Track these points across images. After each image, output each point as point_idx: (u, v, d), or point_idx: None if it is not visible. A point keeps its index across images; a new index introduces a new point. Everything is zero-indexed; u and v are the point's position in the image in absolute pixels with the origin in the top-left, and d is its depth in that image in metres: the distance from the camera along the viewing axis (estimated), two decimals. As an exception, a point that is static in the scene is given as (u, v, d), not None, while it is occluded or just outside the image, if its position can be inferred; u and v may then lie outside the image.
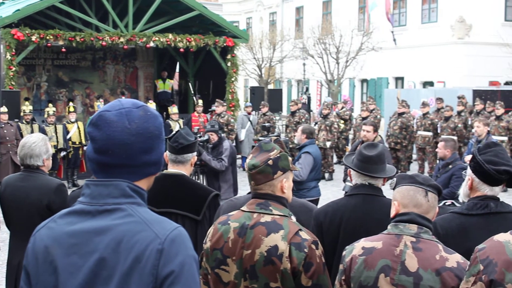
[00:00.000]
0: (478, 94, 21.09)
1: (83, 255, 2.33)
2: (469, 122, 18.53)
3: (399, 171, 17.63)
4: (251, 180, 3.72)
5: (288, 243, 3.54)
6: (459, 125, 18.39)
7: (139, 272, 2.28)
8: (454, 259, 3.36)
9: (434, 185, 3.58)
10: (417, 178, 3.58)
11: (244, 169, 13.56)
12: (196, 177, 10.14)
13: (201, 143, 9.84)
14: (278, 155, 3.71)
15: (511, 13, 33.52)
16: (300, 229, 3.62)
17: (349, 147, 20.38)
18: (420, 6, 35.36)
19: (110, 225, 2.34)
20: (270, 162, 3.67)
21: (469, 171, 4.10)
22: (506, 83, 29.32)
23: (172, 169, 5.36)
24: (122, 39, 20.15)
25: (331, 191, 15.49)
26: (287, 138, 14.56)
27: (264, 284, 3.57)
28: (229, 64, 21.91)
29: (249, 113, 21.33)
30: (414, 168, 19.19)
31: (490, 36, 31.26)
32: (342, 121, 20.55)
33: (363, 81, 39.07)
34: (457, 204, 6.15)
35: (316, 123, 19.94)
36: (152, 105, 19.33)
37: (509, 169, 3.98)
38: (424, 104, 19.32)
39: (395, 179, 3.67)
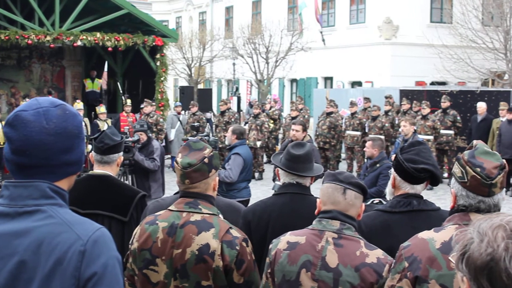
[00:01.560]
0: (405, 94, 21.46)
1: (2, 258, 2.27)
2: (396, 122, 18.82)
3: (328, 170, 17.77)
4: (186, 179, 3.71)
5: (220, 241, 3.57)
6: (386, 125, 18.69)
7: (60, 274, 2.23)
8: (375, 255, 3.41)
9: (355, 183, 3.60)
10: (338, 176, 3.61)
11: (173, 169, 13.45)
12: (125, 177, 10.02)
13: (129, 143, 9.72)
14: (211, 153, 3.75)
15: (436, 14, 34.21)
16: (231, 227, 3.67)
17: (278, 147, 20.49)
18: (348, 7, 35.77)
19: (30, 227, 2.28)
20: (206, 160, 3.70)
21: (392, 169, 4.16)
22: (432, 83, 29.89)
23: (98, 169, 5.28)
24: (48, 38, 19.81)
25: (261, 191, 15.53)
26: (216, 138, 14.52)
27: (196, 283, 3.58)
28: (158, 63, 21.75)
29: (179, 113, 21.21)
30: (343, 167, 19.41)
31: (417, 37, 31.83)
32: (272, 121, 20.62)
33: (293, 81, 39.31)
34: (384, 202, 6.24)
35: (246, 123, 19.97)
36: (79, 104, 19.04)
37: (428, 168, 4.05)
38: (352, 104, 19.56)
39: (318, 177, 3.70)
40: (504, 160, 3.13)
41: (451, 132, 17.99)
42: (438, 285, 3.00)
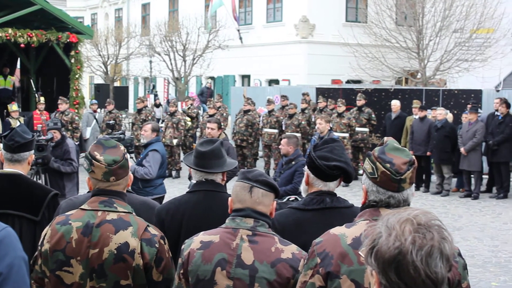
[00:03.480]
0: (321, 92, 21.69)
1: None
2: (313, 119, 19.02)
3: (246, 168, 17.85)
4: (111, 176, 3.67)
5: (139, 239, 3.55)
6: (303, 122, 18.87)
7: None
8: (290, 250, 3.43)
9: (263, 180, 3.59)
10: (247, 174, 3.61)
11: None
12: (38, 176, 9.78)
13: (43, 142, 9.49)
14: (125, 150, 3.73)
15: (352, 14, 34.75)
16: (148, 225, 3.66)
17: (196, 145, 20.40)
18: (265, 5, 35.95)
19: None
20: (126, 156, 3.72)
21: (306, 167, 4.19)
22: (348, 82, 30.35)
23: (8, 168, 5.13)
24: (-43, 33, 19.18)
25: (178, 189, 15.44)
26: (133, 136, 14.36)
27: (114, 283, 3.54)
28: (73, 60, 21.32)
29: (95, 111, 20.89)
30: (260, 165, 19.50)
31: (332, 36, 32.30)
32: (189, 119, 20.53)
33: (210, 78, 39.29)
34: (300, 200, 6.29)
35: (163, 121, 19.83)
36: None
37: (340, 165, 4.08)
38: (270, 102, 19.67)
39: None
40: (413, 156, 3.18)
41: (366, 129, 18.32)
42: (349, 280, 3.03)
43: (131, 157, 9.79)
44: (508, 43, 27.05)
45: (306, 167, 4.18)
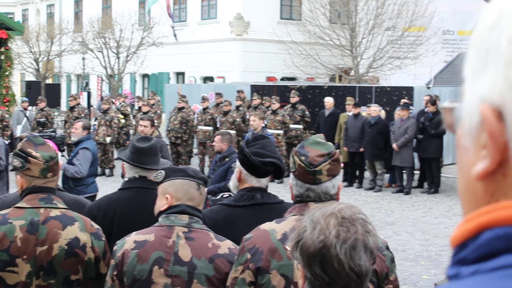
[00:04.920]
0: (256, 89, 21.75)
1: None
2: (247, 116, 19.05)
3: (170, 166, 17.75)
4: (49, 172, 3.66)
5: (89, 233, 3.60)
6: (238, 119, 18.89)
7: None
8: (226, 245, 3.45)
9: (203, 177, 3.66)
10: (188, 171, 3.61)
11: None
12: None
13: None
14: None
15: (286, 11, 34.97)
16: (90, 220, 3.74)
17: (132, 141, 20.21)
18: (200, 2, 35.89)
19: None
20: (58, 153, 3.71)
21: (237, 163, 4.18)
22: (282, 79, 30.53)
23: None
24: None
25: (111, 187, 15.25)
26: (64, 134, 14.13)
27: (64, 278, 3.54)
28: (3, 57, 20.89)
29: (26, 109, 20.51)
30: (194, 162, 19.45)
31: (267, 34, 32.43)
32: (122, 116, 20.32)
33: (145, 76, 38.99)
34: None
35: (96, 118, 19.59)
36: None
37: (275, 161, 4.10)
38: (204, 99, 19.63)
39: (162, 172, 3.66)
40: (335, 150, 3.21)
41: (300, 126, 18.42)
42: (279, 275, 3.05)
43: (62, 155, 9.63)
44: (439, 41, 27.63)
45: (238, 163, 4.18)
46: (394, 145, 15.94)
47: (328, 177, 3.13)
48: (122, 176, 10.02)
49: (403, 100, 17.61)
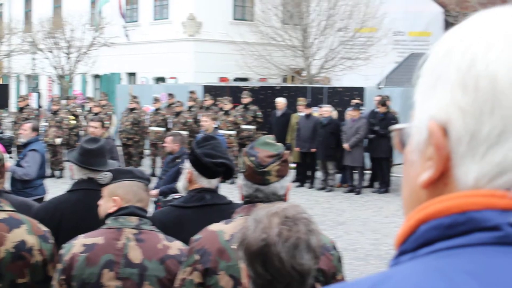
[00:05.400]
0: (208, 89, 21.72)
1: None
2: (200, 117, 19.00)
3: (132, 167, 17.63)
4: None
5: (36, 235, 3.53)
6: (190, 120, 18.84)
7: None
8: (176, 246, 3.45)
9: (148, 178, 3.68)
10: (135, 172, 3.60)
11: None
12: None
13: None
14: None
15: (239, 12, 34.97)
16: (38, 222, 3.66)
17: (80, 142, 19.99)
18: (152, 2, 35.67)
19: None
20: (5, 154, 3.67)
21: (188, 164, 4.17)
22: (235, 80, 30.54)
23: None
24: None
25: (61, 189, 14.99)
26: (13, 135, 13.93)
27: (10, 282, 3.47)
28: (-51, 57, 20.48)
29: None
30: (146, 164, 19.33)
31: (220, 34, 32.39)
32: (73, 117, 20.10)
33: (96, 76, 38.61)
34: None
35: (46, 120, 19.35)
36: None
37: (225, 162, 4.11)
38: (156, 100, 19.54)
39: (108, 173, 3.63)
40: (284, 151, 3.23)
41: (252, 127, 18.43)
42: (227, 276, 3.06)
43: (10, 157, 9.49)
44: (390, 42, 27.94)
45: (188, 164, 4.17)
46: (346, 145, 16.06)
47: (277, 178, 3.15)
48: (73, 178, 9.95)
49: (354, 101, 17.76)
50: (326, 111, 16.77)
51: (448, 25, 25.89)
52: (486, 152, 0.87)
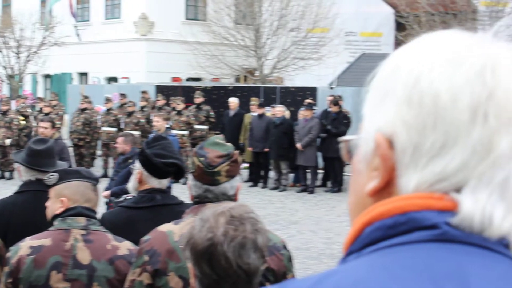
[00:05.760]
0: (161, 89, 21.62)
1: None
2: (152, 117, 18.91)
3: (84, 167, 17.45)
4: None
5: None
6: (142, 120, 18.73)
7: None
8: (125, 246, 3.42)
9: (96, 178, 3.65)
10: (82, 172, 3.57)
11: None
12: None
13: None
14: None
15: (191, 12, 34.89)
16: None
17: (28, 143, 19.71)
18: (104, 2, 35.38)
19: None
20: None
21: (138, 164, 4.15)
22: (188, 79, 30.45)
23: None
24: None
25: (11, 191, 14.78)
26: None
27: None
28: None
29: None
30: (98, 164, 19.16)
31: (172, 34, 32.25)
32: (23, 118, 19.81)
33: (47, 76, 38.12)
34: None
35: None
36: None
37: (176, 162, 4.10)
38: (108, 100, 19.38)
39: (55, 174, 3.58)
40: (234, 151, 3.23)
41: (205, 127, 18.40)
42: (177, 277, 3.04)
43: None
44: (342, 42, 28.15)
45: (138, 165, 4.15)
46: (298, 145, 16.13)
47: (226, 178, 3.14)
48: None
49: (307, 101, 17.85)
50: (279, 111, 16.83)
51: (398, 25, 26.24)
52: (428, 163, 0.93)
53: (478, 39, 0.98)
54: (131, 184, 4.19)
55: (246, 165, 18.16)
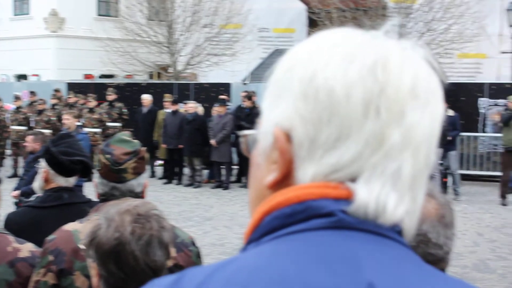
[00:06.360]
0: (72, 87, 21.28)
1: None
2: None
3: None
4: None
5: None
6: (53, 118, 18.37)
7: None
8: (27, 248, 3.33)
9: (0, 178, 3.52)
10: None
11: None
12: None
13: None
14: None
15: (103, 8, 34.45)
16: None
17: None
18: (13, -3, 34.63)
19: None
20: None
21: (43, 163, 4.07)
22: (100, 76, 30.05)
23: None
24: None
25: None
26: None
27: None
28: None
29: None
30: (8, 164, 18.71)
31: (83, 30, 31.79)
32: None
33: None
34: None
35: None
36: None
37: (83, 159, 4.04)
38: (17, 98, 18.95)
39: None
40: (140, 148, 3.21)
41: (118, 124, 18.19)
42: (82, 276, 3.00)
43: None
44: (255, 38, 28.29)
45: (44, 163, 4.07)
46: (212, 141, 16.13)
47: (133, 175, 3.13)
48: None
49: (221, 97, 17.86)
50: (191, 107, 16.79)
51: (311, 22, 26.55)
52: (323, 155, 0.97)
53: (370, 37, 1.02)
54: (37, 183, 4.10)
55: (161, 162, 18.07)
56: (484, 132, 17.12)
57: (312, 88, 0.97)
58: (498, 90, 17.02)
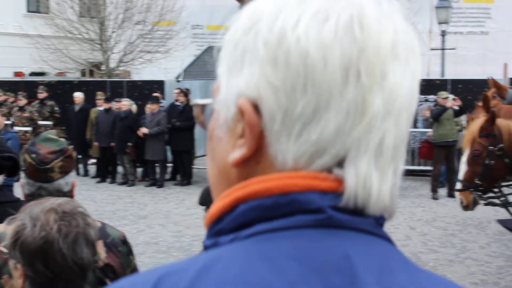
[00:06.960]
0: (2, 85, 20.83)
1: None
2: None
3: None
4: None
5: None
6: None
7: None
8: None
9: None
10: None
11: None
12: None
13: None
14: None
15: (32, 4, 33.82)
16: None
17: None
18: None
19: None
20: None
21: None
22: (31, 74, 29.50)
23: None
24: None
25: None
26: None
27: None
28: None
29: None
30: None
31: (13, 27, 31.15)
32: None
33: None
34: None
35: None
36: None
37: (13, 156, 3.96)
38: None
39: None
40: (67, 146, 3.16)
41: (50, 122, 17.89)
42: (11, 279, 2.94)
43: None
44: (188, 35, 28.23)
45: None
46: (144, 129, 15.90)
47: (60, 175, 3.08)
48: None
49: (154, 94, 17.75)
50: (124, 105, 16.65)
51: (244, 18, 26.59)
52: (302, 130, 0.86)
53: None
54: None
55: (94, 160, 17.86)
56: (415, 127, 17.41)
57: (282, 51, 0.85)
58: (428, 86, 17.32)
